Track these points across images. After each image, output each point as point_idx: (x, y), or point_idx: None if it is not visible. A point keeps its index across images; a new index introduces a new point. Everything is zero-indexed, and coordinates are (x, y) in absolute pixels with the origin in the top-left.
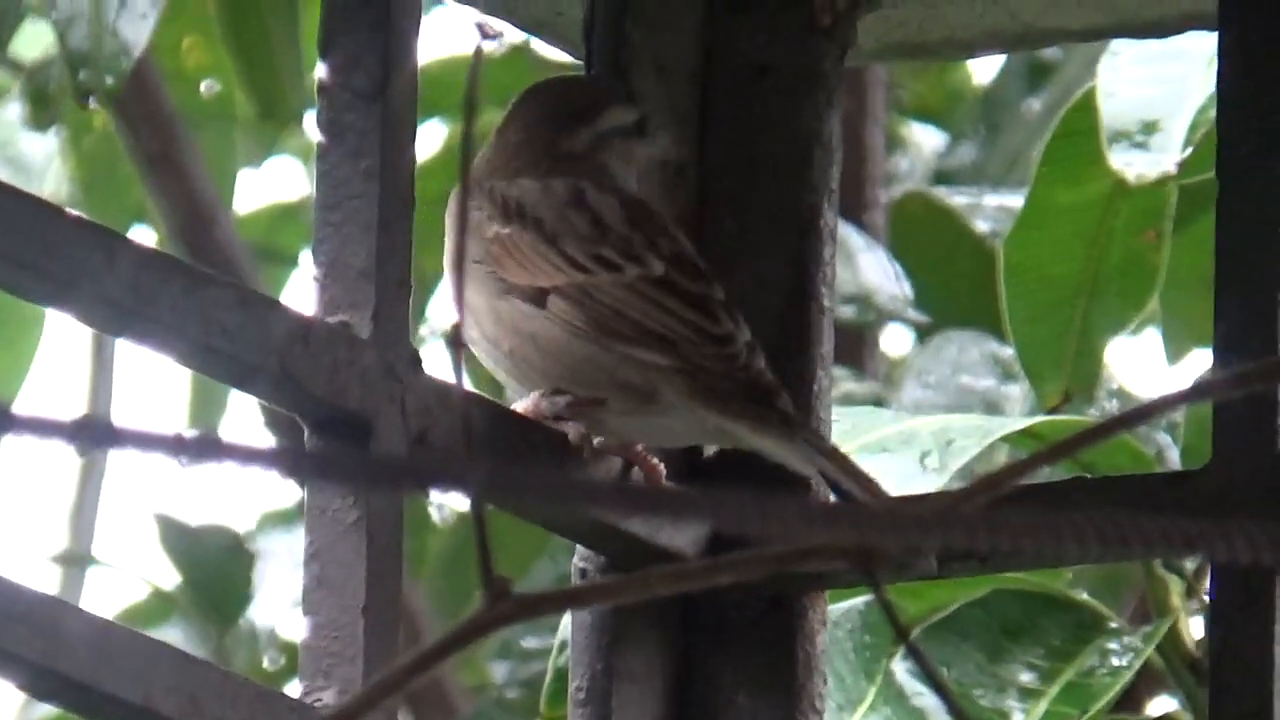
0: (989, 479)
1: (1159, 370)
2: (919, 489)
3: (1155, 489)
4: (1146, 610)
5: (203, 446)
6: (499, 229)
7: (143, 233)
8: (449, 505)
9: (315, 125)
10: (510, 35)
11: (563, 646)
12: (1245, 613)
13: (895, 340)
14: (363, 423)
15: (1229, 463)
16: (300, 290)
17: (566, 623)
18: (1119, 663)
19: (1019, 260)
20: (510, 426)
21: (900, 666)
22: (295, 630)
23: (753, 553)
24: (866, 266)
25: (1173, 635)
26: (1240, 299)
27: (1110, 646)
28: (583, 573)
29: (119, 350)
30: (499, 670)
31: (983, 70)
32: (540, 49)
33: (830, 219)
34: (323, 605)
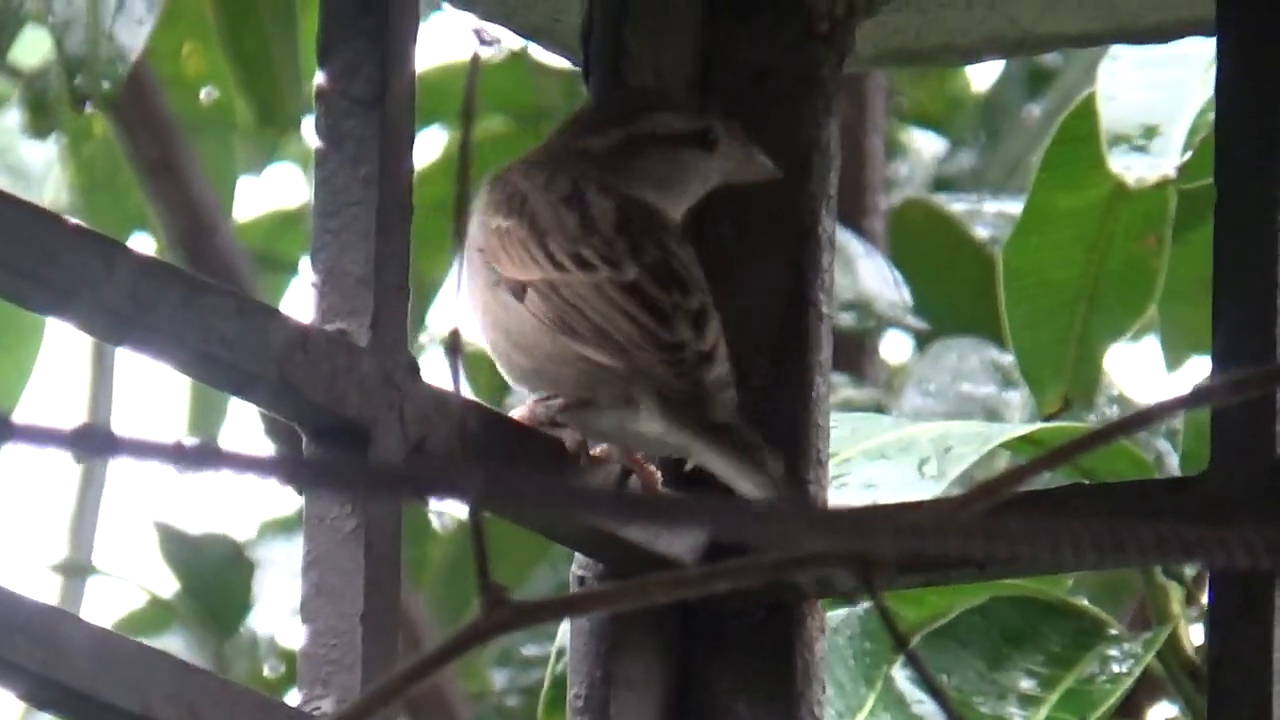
0: (987, 485)
1: (1158, 377)
2: (918, 496)
3: (1154, 495)
4: (1146, 617)
5: (202, 455)
6: (501, 221)
7: (142, 240)
8: (449, 513)
9: (314, 132)
10: (509, 41)
11: (561, 654)
12: (1244, 619)
13: (895, 347)
14: (361, 430)
15: (1227, 468)
16: (300, 298)
17: (565, 630)
18: (1119, 669)
19: (1018, 265)
20: (507, 434)
21: (900, 673)
22: (295, 638)
23: (750, 560)
24: (866, 273)
25: (1173, 642)
26: (1239, 305)
27: (1110, 653)
28: (581, 580)
29: (119, 359)
30: (499, 678)
31: (982, 77)
32: (539, 55)
33: (829, 225)
34: (321, 613)
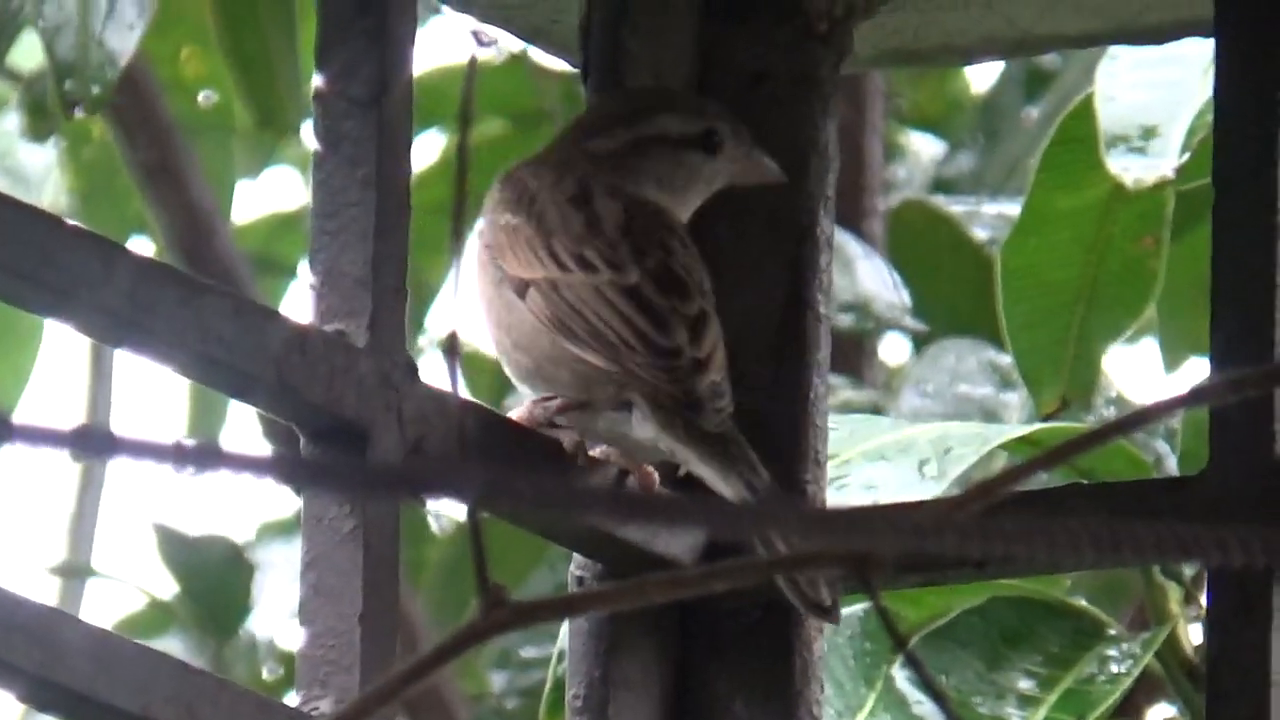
0: (984, 485)
1: (1157, 378)
2: (918, 497)
3: (1152, 495)
4: (1145, 617)
5: (201, 455)
6: (510, 218)
7: (141, 244)
8: (447, 515)
9: (312, 134)
10: (507, 43)
11: (562, 655)
12: (1242, 619)
13: (894, 349)
14: (359, 431)
15: (1225, 468)
16: (298, 301)
17: (565, 631)
18: (1118, 670)
19: (1016, 266)
20: (506, 434)
21: (900, 673)
22: (294, 641)
23: (748, 559)
24: (865, 275)
25: (1171, 642)
26: (1237, 305)
27: (1109, 653)
28: (580, 580)
29: (118, 362)
30: (498, 679)
31: (981, 78)
32: (538, 58)
33: (827, 226)
34: (320, 614)
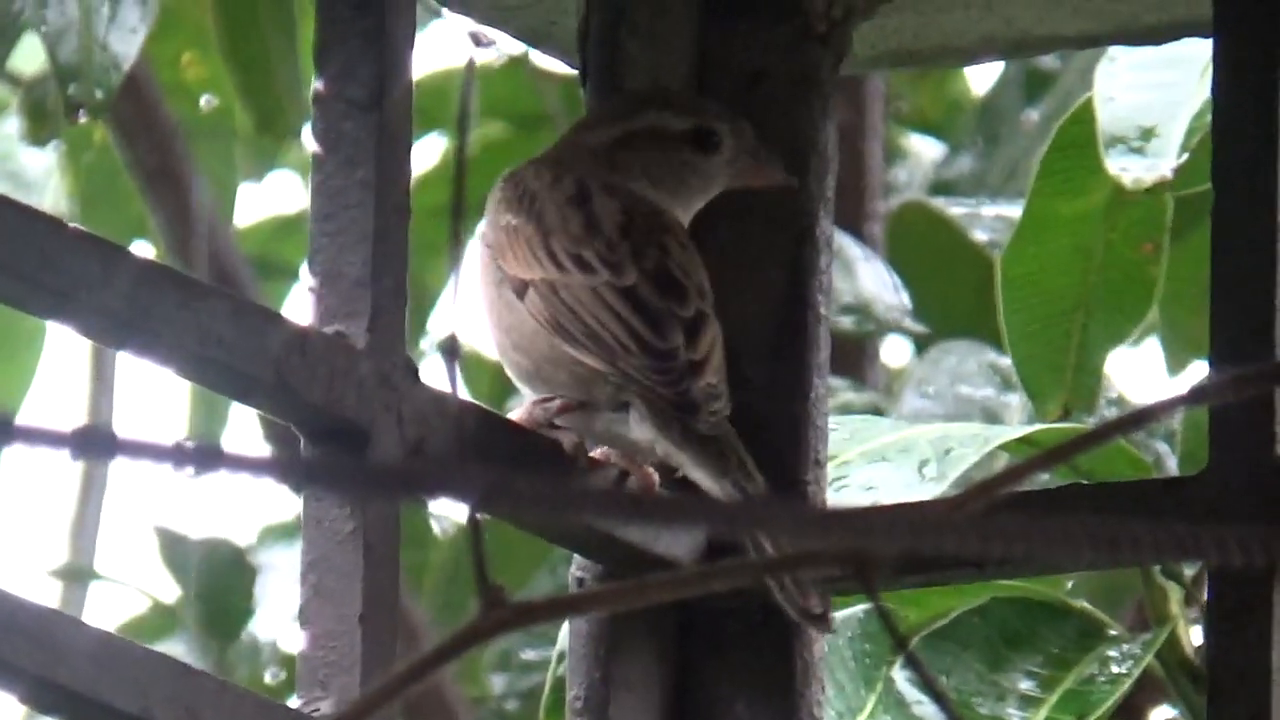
0: (984, 485)
1: (1159, 380)
2: (918, 498)
3: (1152, 495)
4: (1145, 618)
5: (202, 456)
6: (511, 219)
7: (142, 248)
8: (449, 518)
9: (311, 136)
10: (508, 46)
11: (562, 656)
12: (1243, 620)
13: (895, 351)
14: (359, 432)
15: (1226, 468)
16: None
17: (565, 633)
18: (1118, 670)
19: (1016, 274)
20: (506, 435)
21: (900, 674)
22: (295, 643)
23: (749, 560)
24: (865, 277)
25: (1172, 643)
26: (1236, 305)
27: (1110, 654)
28: (580, 582)
29: (119, 364)
30: (498, 682)
31: (980, 80)
32: (538, 60)
33: (826, 227)
34: (320, 616)
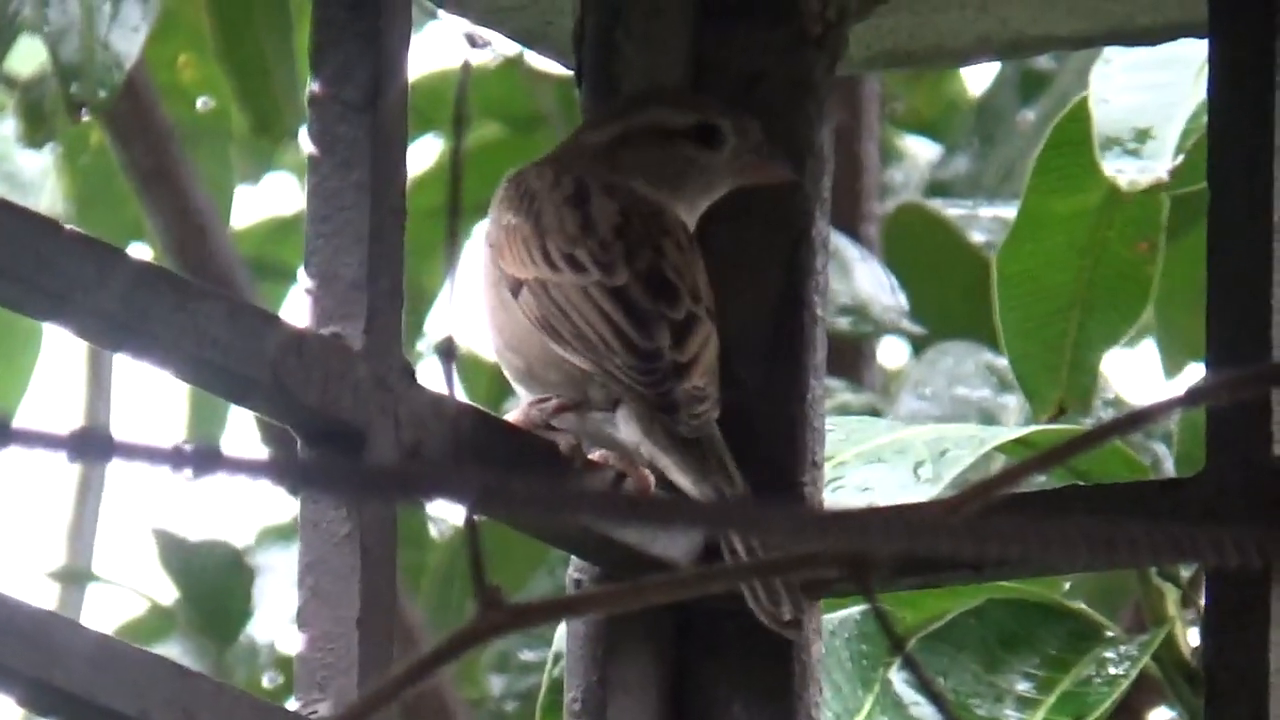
0: (980, 486)
1: (1156, 381)
2: (914, 499)
3: (1149, 496)
4: (1142, 619)
5: (199, 458)
6: (511, 218)
7: (139, 250)
8: (446, 520)
9: (307, 137)
10: (503, 47)
11: (558, 658)
12: (1240, 621)
13: (892, 352)
14: (356, 434)
15: (1223, 469)
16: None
17: (562, 634)
18: (1116, 672)
19: (1012, 273)
20: (502, 437)
21: (898, 676)
22: (293, 645)
23: (746, 562)
24: (862, 278)
25: (1169, 644)
26: (1233, 306)
27: (1107, 655)
28: (577, 584)
29: (116, 366)
30: (496, 683)
31: (976, 81)
32: (534, 61)
33: (823, 228)
34: (317, 618)
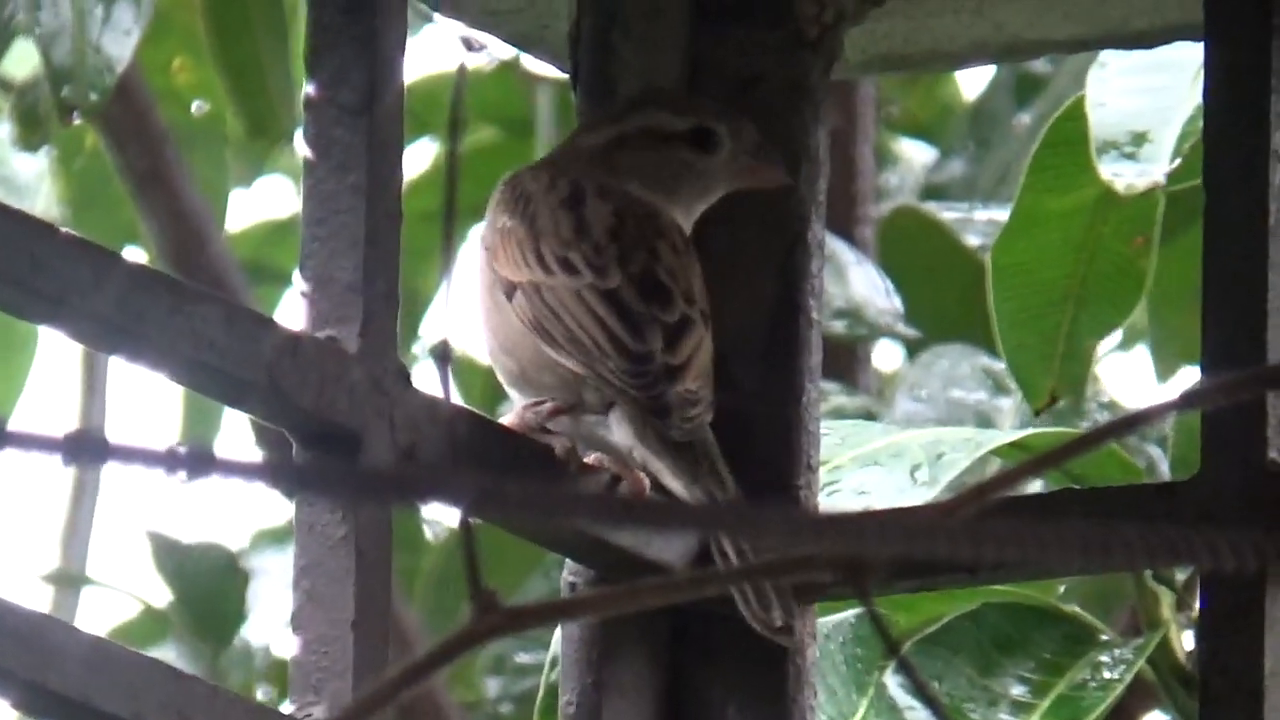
0: (976, 489)
1: (1150, 388)
2: (910, 502)
3: (1144, 500)
4: (1137, 623)
5: (195, 460)
6: (507, 220)
7: (134, 253)
8: (441, 523)
9: (302, 141)
10: (497, 49)
11: (555, 661)
12: (1235, 625)
13: (887, 356)
14: (351, 437)
15: (1218, 472)
16: (294, 308)
17: (558, 638)
18: (1110, 675)
19: (1007, 264)
20: (498, 440)
21: (892, 679)
22: (288, 649)
23: (741, 565)
24: (857, 281)
25: (1164, 648)
26: (1228, 310)
27: (1102, 659)
28: (572, 586)
29: (111, 370)
30: (492, 686)
31: (972, 85)
32: (530, 65)
33: (818, 231)
34: (312, 621)
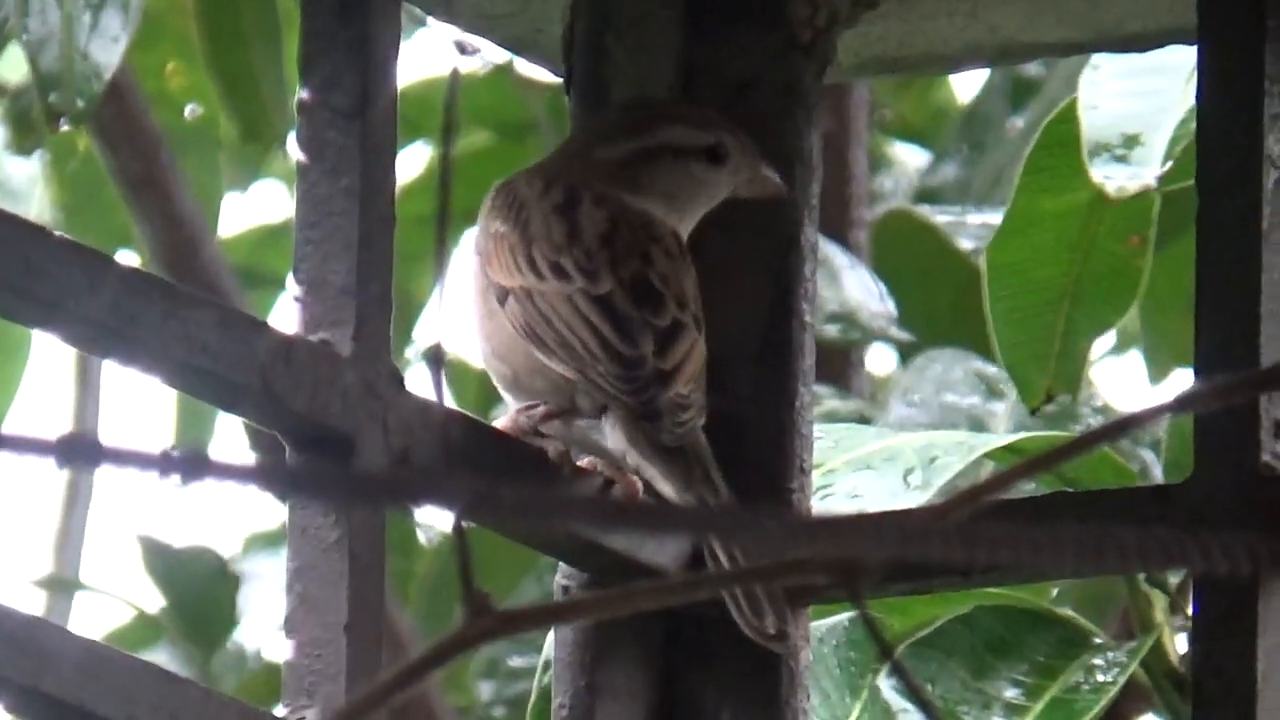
0: (969, 492)
1: (1143, 391)
2: (903, 506)
3: (1137, 503)
4: (1130, 626)
5: (188, 463)
6: (499, 225)
7: (127, 257)
8: (434, 526)
9: (295, 144)
10: (491, 53)
11: (548, 665)
12: (1228, 627)
13: (880, 359)
14: (344, 440)
15: (1211, 476)
16: (287, 312)
17: (551, 641)
18: (1103, 678)
19: (1002, 263)
20: (491, 443)
21: (886, 683)
22: (280, 653)
23: (735, 569)
24: (850, 285)
25: (1157, 651)
26: (1222, 313)
27: (1095, 662)
28: (565, 590)
29: (105, 373)
30: (485, 689)
31: (965, 88)
32: (523, 69)
33: (811, 234)
34: (305, 624)
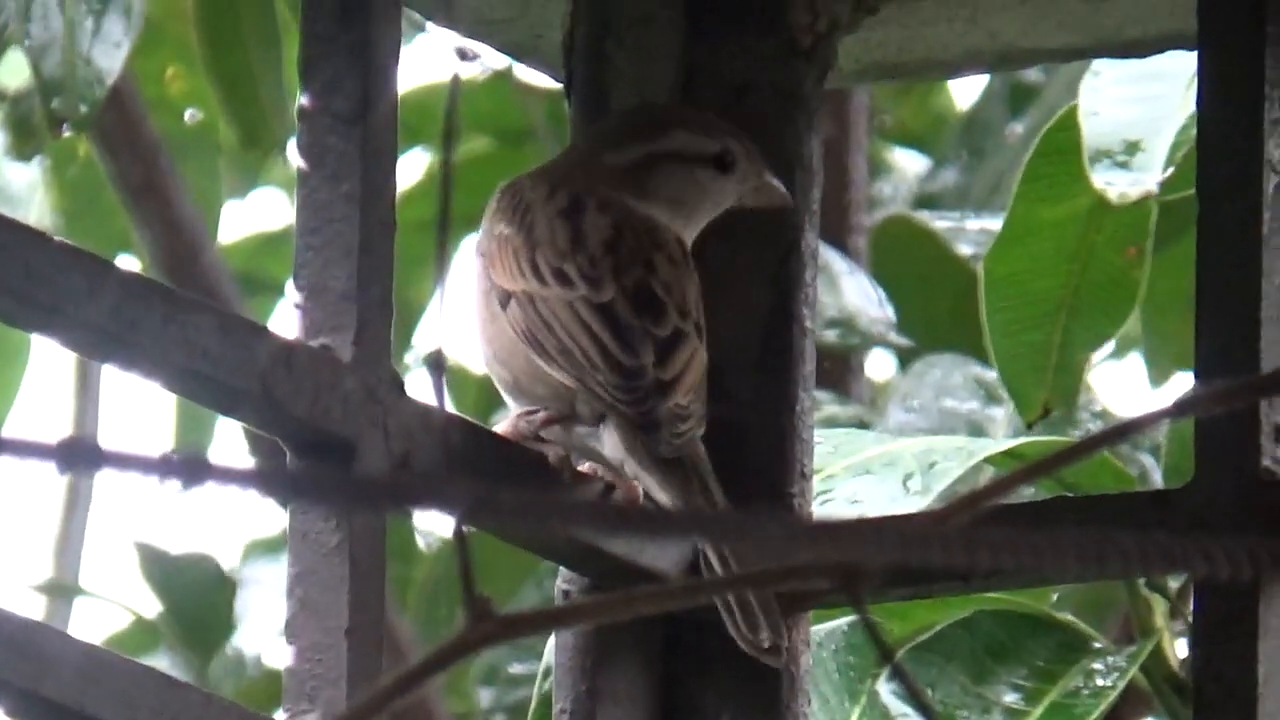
0: (969, 497)
1: (1143, 395)
2: (902, 511)
3: (1137, 508)
4: (1131, 631)
5: (188, 468)
6: (504, 228)
7: (127, 263)
8: (435, 531)
9: (296, 150)
10: (491, 59)
11: (548, 671)
12: (1228, 632)
13: (879, 365)
14: (345, 445)
15: (1211, 481)
16: (286, 319)
17: (552, 647)
18: (1103, 683)
19: (1000, 274)
20: (491, 448)
21: (885, 687)
22: (280, 659)
23: (735, 574)
24: (850, 291)
25: (1157, 655)
26: (1222, 318)
27: (1095, 667)
28: (566, 595)
29: (105, 378)
30: (485, 696)
31: (965, 94)
32: (523, 75)
33: (811, 240)
34: (306, 629)
